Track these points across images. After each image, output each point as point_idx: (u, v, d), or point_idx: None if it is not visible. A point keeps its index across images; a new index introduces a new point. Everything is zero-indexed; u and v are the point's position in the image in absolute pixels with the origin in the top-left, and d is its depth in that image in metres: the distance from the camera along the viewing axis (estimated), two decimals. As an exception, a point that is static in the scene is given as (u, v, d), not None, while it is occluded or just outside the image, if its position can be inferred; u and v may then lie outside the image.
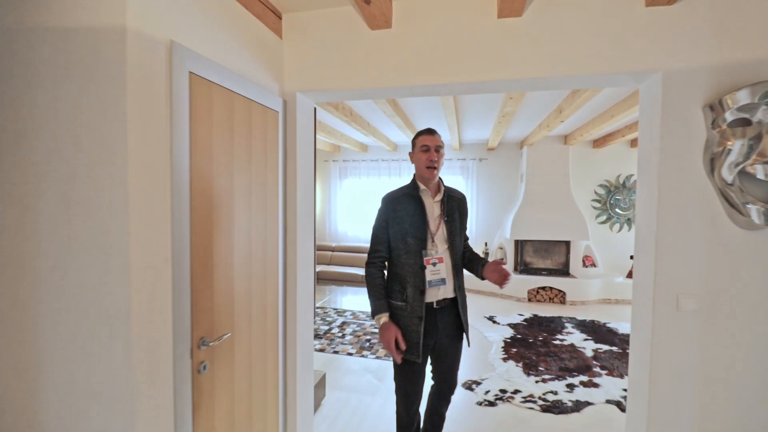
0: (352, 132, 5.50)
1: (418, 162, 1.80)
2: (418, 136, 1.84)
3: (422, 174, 1.80)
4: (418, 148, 1.81)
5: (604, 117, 4.08)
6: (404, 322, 1.74)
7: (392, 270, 1.81)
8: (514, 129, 5.15)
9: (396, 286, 1.77)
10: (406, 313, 1.73)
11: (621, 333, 4.44)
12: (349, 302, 5.23)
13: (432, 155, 1.77)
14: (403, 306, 1.74)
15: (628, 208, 6.07)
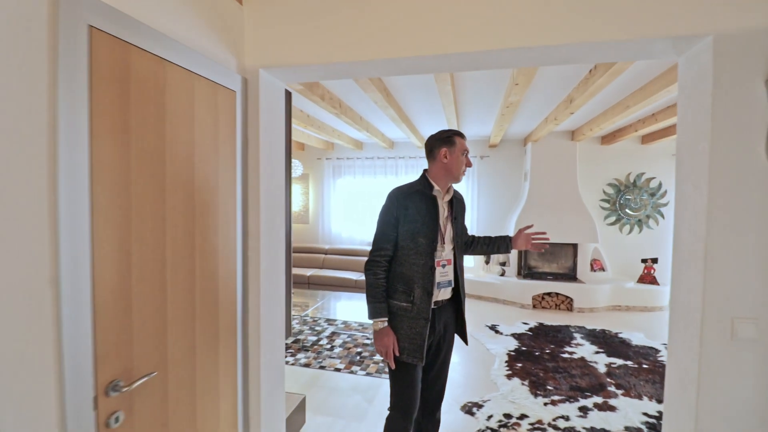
0: (344, 127, 5.15)
1: (457, 164, 1.73)
2: (456, 136, 1.76)
3: (457, 177, 1.75)
4: (458, 149, 1.74)
5: (617, 109, 3.72)
6: (408, 324, 1.67)
7: (396, 270, 1.71)
8: (518, 123, 4.80)
9: (400, 286, 1.69)
10: (411, 314, 1.66)
11: (635, 345, 4.08)
12: (342, 309, 4.88)
13: (470, 161, 1.78)
14: (409, 307, 1.67)
15: (639, 208, 5.70)
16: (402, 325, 1.68)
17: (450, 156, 1.72)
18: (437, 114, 4.26)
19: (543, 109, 3.99)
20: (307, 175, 6.79)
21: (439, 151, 1.73)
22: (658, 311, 5.33)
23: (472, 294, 5.78)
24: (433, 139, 1.77)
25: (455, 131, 1.78)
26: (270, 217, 1.73)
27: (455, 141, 1.74)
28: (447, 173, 1.73)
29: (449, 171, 1.73)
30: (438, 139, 1.76)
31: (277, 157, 1.79)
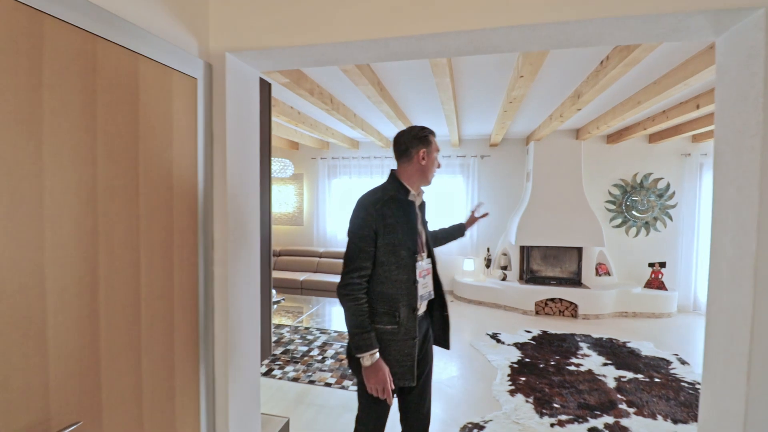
0: (338, 125, 4.92)
1: (433, 166, 1.63)
2: (432, 135, 1.63)
3: (430, 179, 1.64)
4: (434, 149, 1.62)
5: (627, 105, 3.49)
6: (396, 347, 1.53)
7: (376, 289, 1.53)
8: (521, 121, 4.57)
9: (382, 307, 1.53)
10: (398, 336, 1.53)
11: (644, 356, 3.86)
12: (335, 317, 4.65)
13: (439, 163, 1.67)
14: (395, 330, 1.52)
15: (646, 210, 5.47)
16: (390, 350, 1.52)
17: (428, 157, 1.59)
18: (435, 111, 4.03)
19: (548, 106, 3.76)
20: (301, 175, 6.56)
21: (418, 151, 1.58)
22: (666, 318, 5.10)
23: (473, 299, 5.56)
24: (409, 137, 1.60)
25: (429, 129, 1.64)
26: (240, 223, 1.50)
27: (431, 140, 1.61)
28: (422, 176, 1.61)
29: (424, 173, 1.61)
30: (415, 137, 1.59)
31: (250, 154, 1.56)
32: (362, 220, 1.50)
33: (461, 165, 5.94)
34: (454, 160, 5.94)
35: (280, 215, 6.65)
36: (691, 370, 3.54)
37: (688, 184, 5.35)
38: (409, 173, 1.60)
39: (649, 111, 3.94)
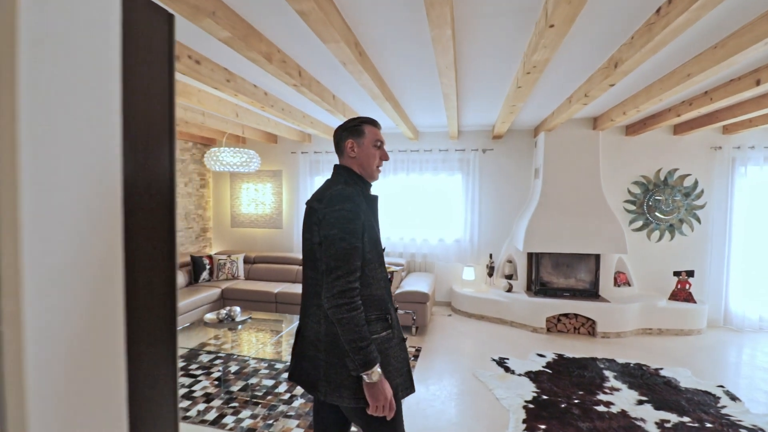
0: (317, 111, 4.20)
1: (369, 158, 1.45)
2: (365, 124, 1.45)
3: (372, 173, 1.47)
4: (369, 140, 1.45)
5: (670, 80, 2.80)
6: (394, 354, 1.36)
7: (365, 293, 1.31)
8: (532, 106, 3.87)
9: (374, 313, 1.33)
10: (394, 342, 1.37)
11: (684, 388, 3.17)
12: None
13: (385, 153, 1.49)
14: (390, 335, 1.36)
15: (670, 211, 4.80)
16: (389, 360, 1.34)
17: (358, 148, 1.45)
18: (432, 89, 3.32)
19: (571, 81, 3.06)
20: (280, 172, 5.83)
21: (345, 143, 1.45)
22: (696, 335, 4.43)
23: (473, 313, 4.85)
24: (340, 130, 1.48)
25: (365, 118, 1.48)
26: (70, 234, 0.77)
27: (363, 130, 1.46)
28: (360, 170, 1.46)
29: (361, 167, 1.46)
30: (343, 129, 1.47)
31: (84, 114, 0.83)
32: (351, 213, 1.28)
33: (460, 160, 5.24)
34: (452, 154, 5.24)
35: (256, 217, 5.91)
36: (744, 408, 2.86)
37: (718, 181, 4.69)
38: (358, 170, 1.45)
39: (692, 90, 3.25)
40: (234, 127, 4.67)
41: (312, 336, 1.35)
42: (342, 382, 1.28)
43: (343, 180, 1.40)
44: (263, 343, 3.21)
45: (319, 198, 1.35)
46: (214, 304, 4.59)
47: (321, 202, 1.32)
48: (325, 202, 1.30)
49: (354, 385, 1.27)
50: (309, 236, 1.36)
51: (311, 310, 1.37)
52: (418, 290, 4.22)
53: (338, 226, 1.25)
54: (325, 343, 1.31)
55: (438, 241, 5.29)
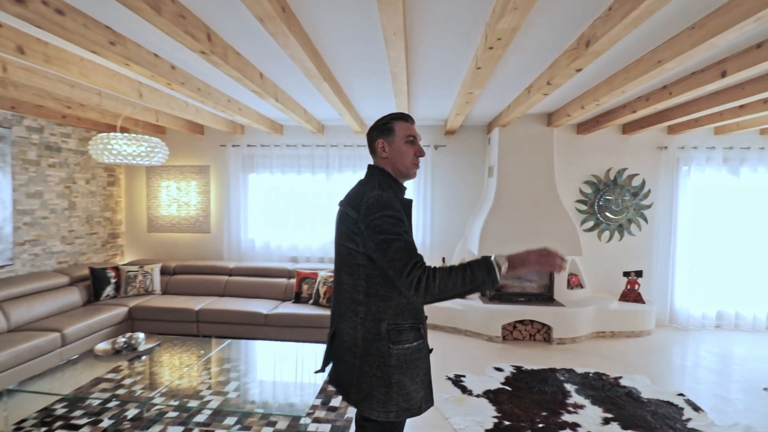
0: (247, 96, 3.57)
1: (402, 156, 1.39)
2: (395, 120, 1.40)
3: (407, 172, 1.41)
4: (400, 137, 1.39)
5: (639, 67, 2.56)
6: (423, 366, 1.35)
7: (401, 302, 1.30)
8: (488, 98, 3.55)
9: (407, 322, 1.32)
10: (422, 354, 1.36)
11: (646, 399, 2.99)
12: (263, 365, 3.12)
13: (421, 149, 1.42)
14: (420, 346, 1.35)
15: (620, 211, 4.75)
16: (417, 372, 1.32)
17: (389, 147, 1.38)
18: (378, 62, 2.85)
19: (533, 67, 2.74)
20: (208, 167, 5.07)
21: (376, 143, 1.40)
22: (645, 336, 4.39)
23: (428, 322, 4.46)
24: (369, 131, 1.44)
25: (395, 114, 1.41)
26: None
27: (393, 128, 1.39)
28: (394, 170, 1.40)
29: (394, 167, 1.39)
30: (373, 129, 1.42)
31: None
32: (393, 218, 1.23)
33: (411, 157, 4.83)
34: (402, 150, 4.82)
35: (178, 220, 5.10)
36: (709, 420, 2.70)
37: (664, 181, 4.70)
38: (392, 170, 1.40)
39: (651, 84, 3.07)
40: (145, 113, 3.89)
41: (349, 341, 1.34)
42: (372, 392, 1.28)
43: (377, 183, 1.34)
44: (176, 377, 2.55)
45: (354, 204, 1.30)
46: (118, 327, 3.78)
47: (358, 210, 1.27)
48: (363, 212, 1.25)
49: (384, 397, 1.27)
50: (342, 242, 1.34)
51: (347, 315, 1.35)
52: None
53: (385, 230, 1.22)
54: (362, 349, 1.30)
55: (388, 244, 4.85)
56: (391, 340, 1.28)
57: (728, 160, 4.59)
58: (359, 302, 1.31)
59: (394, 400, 1.28)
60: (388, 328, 1.28)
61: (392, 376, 1.27)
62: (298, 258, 4.93)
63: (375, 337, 1.29)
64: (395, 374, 1.27)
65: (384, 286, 1.28)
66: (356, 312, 1.32)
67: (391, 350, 1.28)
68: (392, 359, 1.28)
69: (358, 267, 1.30)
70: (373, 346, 1.28)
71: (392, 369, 1.27)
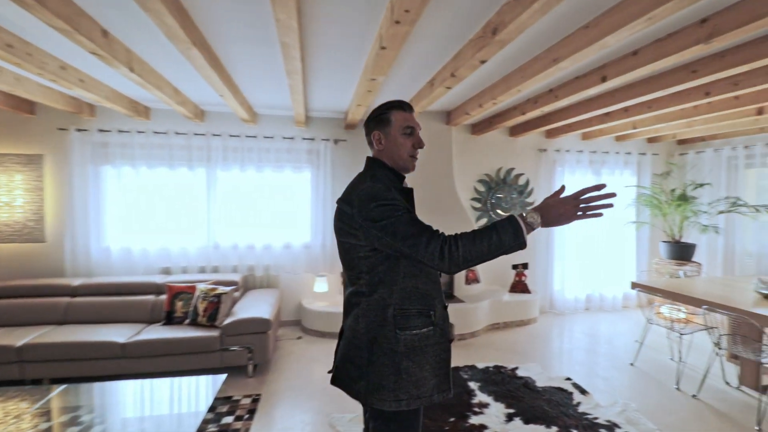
0: (93, 65, 2.76)
1: (399, 148, 1.35)
2: (392, 110, 1.35)
3: (405, 165, 1.37)
4: (397, 128, 1.35)
5: (535, 65, 2.59)
6: (433, 352, 1.30)
7: (408, 284, 1.29)
8: (392, 88, 3.35)
9: (415, 307, 1.29)
10: (433, 340, 1.31)
11: (541, 387, 3.12)
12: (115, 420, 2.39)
13: (420, 140, 1.38)
14: (431, 332, 1.30)
15: (509, 208, 5.05)
16: (425, 356, 1.28)
17: (386, 139, 1.36)
18: (268, 45, 2.40)
19: (437, 57, 2.59)
20: (40, 157, 3.92)
21: (372, 136, 1.38)
22: (533, 324, 4.72)
23: (328, 332, 4.11)
24: (366, 122, 1.41)
25: (392, 102, 1.36)
26: None
27: (389, 118, 1.34)
28: (391, 162, 1.37)
29: (391, 159, 1.36)
30: (369, 120, 1.39)
31: None
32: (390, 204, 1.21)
33: (309, 151, 4.42)
34: (299, 143, 4.37)
35: (-5, 226, 3.84)
36: (595, 401, 2.91)
37: (544, 180, 5.14)
38: (388, 162, 1.37)
39: (539, 87, 3.21)
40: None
41: (350, 335, 1.32)
42: (381, 382, 1.25)
43: (371, 174, 1.33)
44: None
45: (348, 200, 1.28)
46: None
47: (352, 205, 1.25)
48: (356, 206, 1.24)
49: (394, 385, 1.24)
50: (342, 239, 1.32)
51: (350, 309, 1.35)
52: (255, 317, 3.22)
53: (385, 216, 1.20)
54: (367, 339, 1.28)
55: (283, 247, 4.35)
56: (398, 326, 1.26)
57: (593, 162, 5.22)
58: (361, 294, 1.30)
59: (404, 388, 1.24)
60: (394, 313, 1.26)
61: (401, 362, 1.25)
62: (171, 269, 4.11)
63: (381, 324, 1.26)
64: (404, 361, 1.25)
65: (389, 272, 1.27)
66: (357, 304, 1.31)
67: (399, 336, 1.25)
68: (400, 345, 1.25)
69: (359, 260, 1.28)
70: (380, 334, 1.26)
71: (400, 355, 1.25)
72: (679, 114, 3.73)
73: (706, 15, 1.94)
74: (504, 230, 1.15)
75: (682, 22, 2.03)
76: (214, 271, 4.19)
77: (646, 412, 2.75)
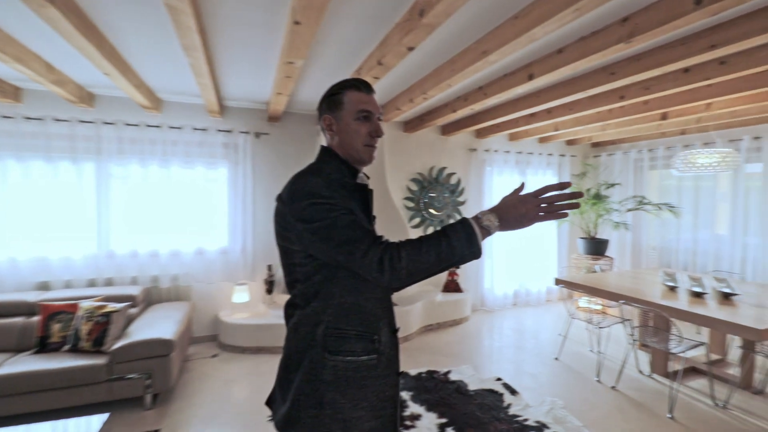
0: None
1: (351, 136, 1.14)
2: (346, 89, 1.14)
3: (359, 156, 1.16)
4: (350, 111, 1.13)
5: (463, 59, 2.47)
6: (375, 388, 1.08)
7: (345, 301, 1.08)
8: (316, 77, 3.05)
9: (354, 328, 1.08)
10: (377, 372, 1.09)
11: (473, 391, 3.05)
12: None
13: (378, 127, 1.16)
14: (373, 362, 1.08)
15: (442, 207, 5.01)
16: (365, 394, 1.07)
17: (337, 125, 1.14)
18: (154, 8, 1.98)
19: (362, 43, 2.36)
20: None
21: (323, 120, 1.17)
22: (465, 323, 4.73)
23: (249, 346, 3.70)
24: (319, 104, 1.20)
25: (347, 81, 1.14)
26: None
27: (342, 99, 1.13)
28: (344, 153, 1.16)
29: (344, 149, 1.15)
30: (321, 102, 1.18)
31: None
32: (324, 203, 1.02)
33: (225, 145, 3.95)
34: (213, 136, 3.88)
35: None
36: (524, 402, 2.89)
37: (474, 179, 5.18)
38: (342, 151, 1.16)
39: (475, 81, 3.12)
40: None
41: (284, 353, 1.13)
42: (299, 414, 1.04)
43: (316, 167, 1.14)
44: None
45: (283, 195, 1.10)
46: None
47: (284, 202, 1.08)
48: (288, 203, 1.07)
49: (312, 421, 1.03)
50: (278, 241, 1.15)
51: (287, 321, 1.17)
52: (154, 338, 2.73)
53: (318, 218, 1.01)
54: (295, 360, 1.08)
55: (195, 253, 3.84)
56: (328, 348, 1.05)
57: (519, 163, 5.38)
58: (296, 306, 1.13)
59: (326, 425, 1.03)
60: (325, 332, 1.06)
61: (325, 394, 1.04)
62: (51, 283, 3.40)
63: (309, 345, 1.07)
64: (329, 392, 1.04)
65: (326, 283, 1.08)
66: (292, 316, 1.14)
67: (326, 361, 1.05)
68: (326, 372, 1.04)
69: (294, 267, 1.12)
70: (306, 356, 1.07)
71: (325, 385, 1.04)
72: (595, 117, 3.91)
73: (627, 14, 1.94)
74: (455, 236, 0.97)
75: (606, 20, 2.03)
76: (107, 285, 3.55)
77: (572, 409, 2.79)
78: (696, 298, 2.99)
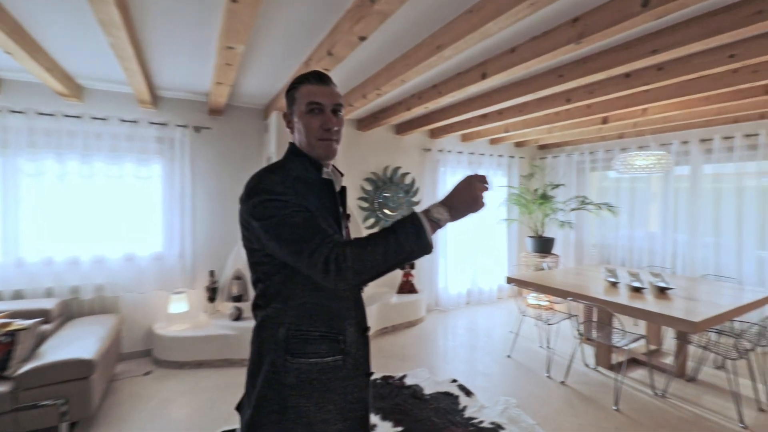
0: None
1: (305, 131, 1.11)
2: (299, 84, 1.12)
3: (314, 151, 1.12)
4: (300, 105, 1.11)
5: (417, 54, 2.39)
6: (341, 389, 1.07)
7: (307, 301, 1.06)
8: (263, 69, 2.83)
9: (318, 329, 1.06)
10: (344, 373, 1.08)
11: (429, 396, 2.98)
12: None
13: (329, 119, 1.09)
14: (338, 362, 1.07)
15: (397, 207, 4.94)
16: (331, 397, 1.05)
17: (296, 120, 1.13)
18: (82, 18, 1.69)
19: (310, 31, 2.19)
20: None
21: (284, 117, 1.19)
22: (420, 324, 4.69)
23: (189, 361, 3.38)
24: None
25: (300, 76, 1.13)
26: None
27: (294, 96, 1.12)
28: (304, 148, 1.13)
29: (303, 145, 1.13)
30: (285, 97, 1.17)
31: None
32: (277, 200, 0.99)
33: (159, 140, 3.58)
34: (144, 129, 3.50)
35: None
36: (479, 403, 2.87)
37: (428, 179, 5.17)
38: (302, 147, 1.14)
39: (429, 78, 3.05)
40: None
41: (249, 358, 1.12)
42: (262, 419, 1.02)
43: (278, 163, 1.12)
44: None
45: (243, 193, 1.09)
46: None
47: (241, 199, 1.07)
48: (244, 198, 1.05)
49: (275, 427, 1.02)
50: (243, 242, 1.12)
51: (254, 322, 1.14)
52: (70, 358, 2.38)
53: (269, 216, 0.99)
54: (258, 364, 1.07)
55: (124, 259, 3.44)
56: (290, 351, 1.03)
57: (471, 163, 5.45)
58: (258, 307, 1.10)
59: (290, 430, 1.01)
60: (287, 334, 1.03)
61: (288, 398, 1.01)
62: (-61, 298, 2.88)
63: (271, 348, 1.04)
64: (292, 396, 1.02)
65: (287, 282, 1.05)
66: (255, 318, 1.11)
67: (288, 364, 1.02)
68: (289, 376, 1.02)
69: (255, 266, 1.10)
70: (266, 359, 1.04)
71: (288, 389, 1.01)
72: (543, 119, 4.02)
73: (579, 13, 1.95)
74: (403, 231, 0.94)
75: (557, 19, 2.03)
76: (16, 298, 3.08)
77: (525, 407, 2.81)
78: (635, 292, 3.15)
